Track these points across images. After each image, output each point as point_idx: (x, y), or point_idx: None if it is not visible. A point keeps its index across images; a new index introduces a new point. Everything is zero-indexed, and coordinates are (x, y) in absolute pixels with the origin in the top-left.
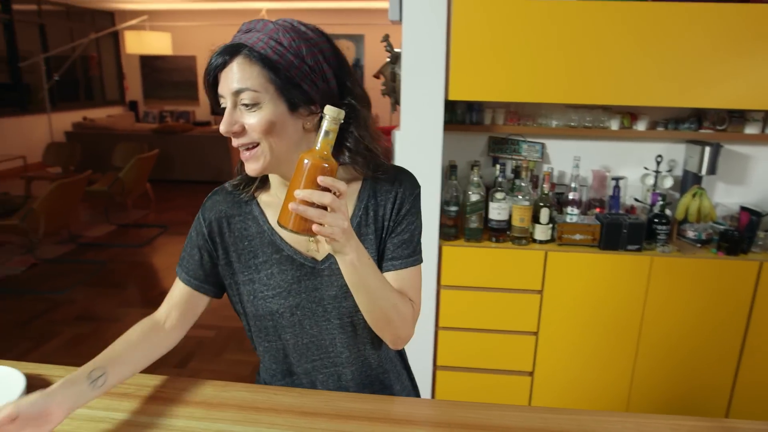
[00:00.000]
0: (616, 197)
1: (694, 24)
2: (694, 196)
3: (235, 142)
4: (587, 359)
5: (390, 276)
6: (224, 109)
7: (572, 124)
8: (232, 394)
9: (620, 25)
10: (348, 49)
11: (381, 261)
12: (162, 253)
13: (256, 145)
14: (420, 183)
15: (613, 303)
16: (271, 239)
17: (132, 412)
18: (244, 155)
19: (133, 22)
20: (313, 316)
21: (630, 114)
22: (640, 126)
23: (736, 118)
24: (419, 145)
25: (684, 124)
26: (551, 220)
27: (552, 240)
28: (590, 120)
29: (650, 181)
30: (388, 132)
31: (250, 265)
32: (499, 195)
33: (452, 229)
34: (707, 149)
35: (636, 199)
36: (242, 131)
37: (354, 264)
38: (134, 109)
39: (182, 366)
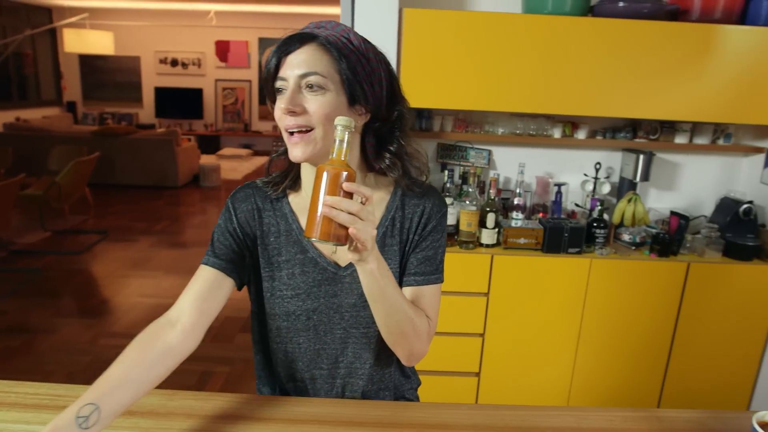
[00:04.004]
0: (558, 202)
1: (630, 40)
2: (629, 201)
3: (290, 122)
4: (531, 358)
5: (409, 291)
6: (280, 90)
7: (517, 131)
8: (179, 403)
9: (564, 39)
10: None
11: (402, 275)
12: (102, 260)
13: (310, 129)
14: None
15: (555, 303)
16: (297, 239)
17: None
18: (294, 139)
19: (73, 19)
20: (329, 323)
21: (571, 123)
22: (581, 135)
23: (667, 128)
24: None
25: (620, 133)
26: (497, 224)
27: (498, 244)
28: (534, 128)
29: (590, 187)
30: None
31: (273, 262)
32: (447, 200)
33: None
34: (641, 157)
35: (576, 204)
36: (303, 112)
37: (374, 273)
38: (72, 110)
39: None
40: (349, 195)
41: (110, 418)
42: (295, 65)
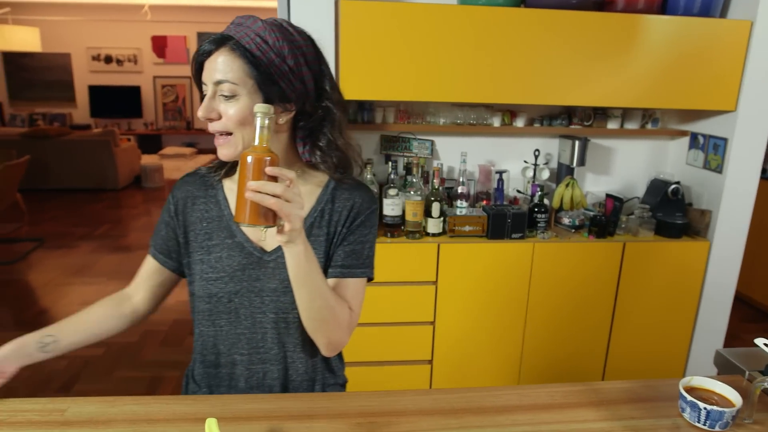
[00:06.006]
0: (500, 190)
1: (562, 30)
2: (567, 186)
3: (210, 128)
4: (481, 342)
5: (333, 282)
6: (206, 95)
7: (458, 121)
8: (120, 409)
9: (499, 30)
10: None
11: (328, 267)
12: (38, 269)
13: (230, 133)
14: None
15: (502, 287)
16: (228, 224)
17: None
18: (218, 141)
19: None
20: (250, 306)
21: (510, 112)
22: (519, 123)
23: (599, 114)
24: None
25: (557, 120)
26: (442, 213)
27: (444, 233)
28: (475, 117)
29: (530, 173)
30: None
31: (204, 246)
32: (392, 191)
33: None
34: (577, 143)
35: (518, 191)
36: (218, 118)
37: (300, 256)
38: None
39: (66, 390)
40: (274, 179)
41: (62, 351)
42: (211, 72)
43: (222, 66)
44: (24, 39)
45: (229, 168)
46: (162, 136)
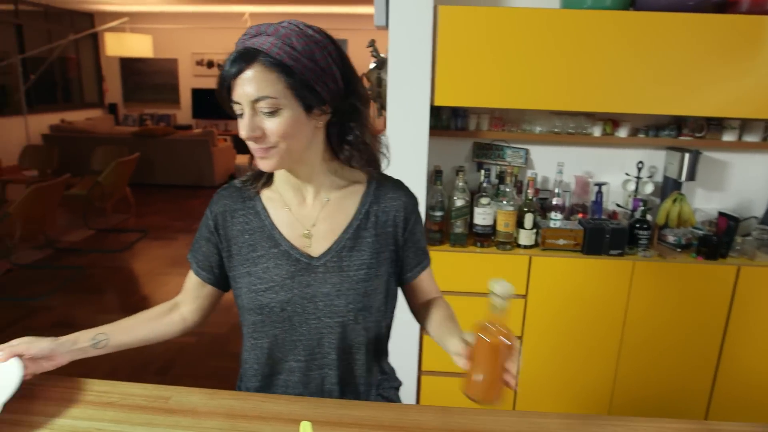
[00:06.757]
0: (598, 203)
1: (675, 34)
2: (674, 201)
3: (253, 146)
4: (571, 363)
5: (416, 282)
6: (240, 114)
7: (556, 130)
8: (219, 402)
9: (604, 34)
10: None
11: (402, 270)
12: (142, 258)
13: (274, 146)
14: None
15: (596, 307)
16: (270, 234)
17: (116, 421)
18: (259, 153)
19: (114, 24)
20: (303, 313)
21: (612, 121)
22: (622, 133)
23: (714, 125)
24: (405, 150)
25: (664, 131)
26: (535, 225)
27: (536, 245)
28: (573, 126)
29: (631, 186)
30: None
31: (249, 258)
32: (484, 200)
33: (437, 234)
34: (687, 156)
35: (618, 205)
36: (263, 136)
37: None
38: (114, 111)
39: (163, 373)
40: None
41: (112, 350)
42: (246, 90)
43: (258, 83)
44: (139, 46)
45: (266, 179)
46: None
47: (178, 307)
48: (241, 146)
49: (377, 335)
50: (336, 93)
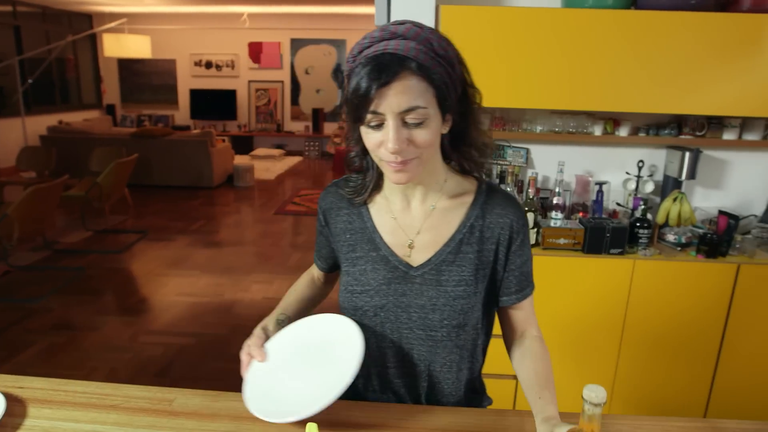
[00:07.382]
0: (599, 202)
1: (676, 33)
2: (674, 200)
3: (389, 158)
4: (571, 362)
5: (517, 309)
6: (376, 125)
7: (556, 129)
8: (223, 404)
9: (605, 34)
10: (329, 55)
11: (500, 292)
12: (141, 259)
13: (417, 157)
14: None
15: (596, 306)
16: (371, 237)
17: (120, 424)
18: (397, 166)
19: (112, 24)
20: (396, 321)
21: (613, 120)
22: (623, 132)
23: (714, 124)
24: None
25: (665, 130)
26: (536, 224)
27: (537, 244)
28: (574, 126)
29: (632, 185)
30: None
31: (349, 258)
32: None
33: None
34: (687, 154)
35: (618, 204)
36: (408, 146)
37: None
38: (112, 112)
39: (163, 375)
40: None
41: (291, 322)
42: (396, 101)
43: (409, 92)
44: (137, 46)
45: (372, 189)
46: (254, 138)
47: (318, 277)
48: (239, 147)
49: (472, 354)
50: (460, 98)
